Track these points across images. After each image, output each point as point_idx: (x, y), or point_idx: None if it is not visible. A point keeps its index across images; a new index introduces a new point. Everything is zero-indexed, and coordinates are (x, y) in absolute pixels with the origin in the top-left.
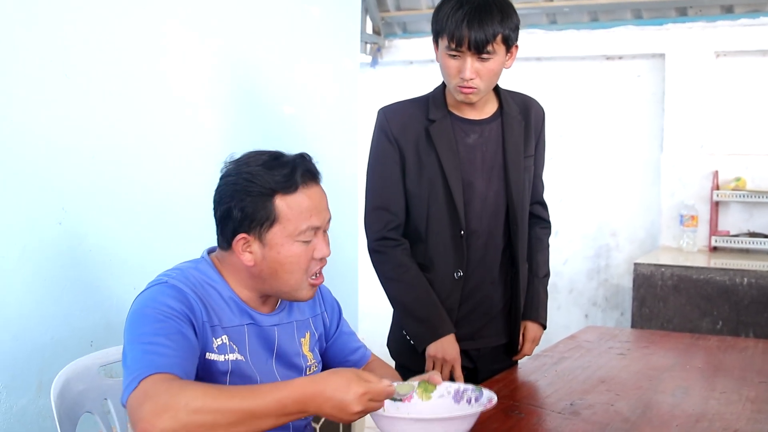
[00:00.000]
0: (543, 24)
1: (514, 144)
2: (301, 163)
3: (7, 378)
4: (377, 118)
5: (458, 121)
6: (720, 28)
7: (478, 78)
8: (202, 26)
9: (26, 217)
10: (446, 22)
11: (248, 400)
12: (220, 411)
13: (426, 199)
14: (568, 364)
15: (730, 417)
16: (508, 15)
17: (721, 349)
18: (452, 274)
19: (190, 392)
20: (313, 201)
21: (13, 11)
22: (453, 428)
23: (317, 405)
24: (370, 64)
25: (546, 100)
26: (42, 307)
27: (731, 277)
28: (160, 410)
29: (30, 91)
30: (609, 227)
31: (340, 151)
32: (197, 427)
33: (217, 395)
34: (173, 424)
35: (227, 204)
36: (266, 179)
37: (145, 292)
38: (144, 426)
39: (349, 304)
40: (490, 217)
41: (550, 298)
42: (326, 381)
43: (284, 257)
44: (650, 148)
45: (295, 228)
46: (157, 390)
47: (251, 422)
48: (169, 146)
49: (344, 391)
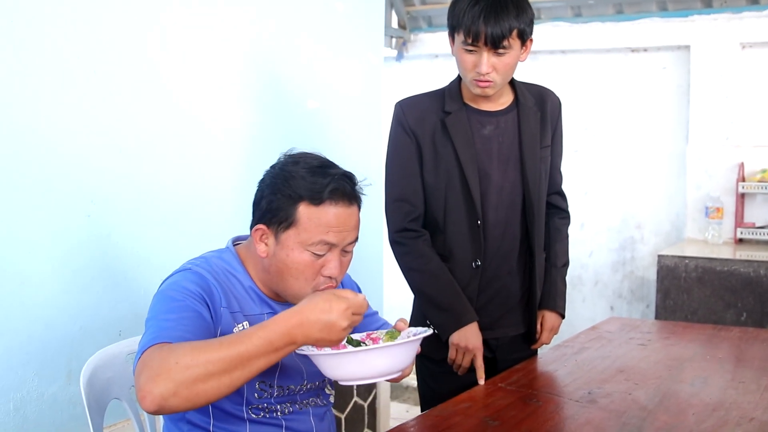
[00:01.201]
0: (568, 17)
1: (530, 135)
2: (339, 180)
3: (38, 366)
4: (394, 111)
5: (474, 112)
6: (745, 19)
7: (494, 72)
8: (228, 23)
9: (56, 210)
10: (462, 18)
11: (236, 345)
12: (211, 361)
13: (443, 190)
14: (588, 354)
15: (747, 406)
16: (523, 9)
17: (743, 340)
18: (471, 263)
19: (179, 351)
20: (336, 219)
21: (44, 9)
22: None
23: (304, 333)
24: (396, 58)
25: (571, 93)
26: (71, 298)
27: (755, 268)
28: (155, 375)
29: (59, 87)
30: (634, 220)
31: (364, 145)
32: (192, 381)
33: (206, 347)
34: (168, 384)
35: (261, 192)
36: (300, 184)
37: (169, 278)
38: (143, 394)
39: (374, 295)
40: (507, 208)
41: (575, 291)
42: (307, 307)
43: (291, 261)
44: (675, 140)
45: (308, 237)
46: (151, 357)
47: (244, 365)
48: (196, 140)
49: (327, 311)
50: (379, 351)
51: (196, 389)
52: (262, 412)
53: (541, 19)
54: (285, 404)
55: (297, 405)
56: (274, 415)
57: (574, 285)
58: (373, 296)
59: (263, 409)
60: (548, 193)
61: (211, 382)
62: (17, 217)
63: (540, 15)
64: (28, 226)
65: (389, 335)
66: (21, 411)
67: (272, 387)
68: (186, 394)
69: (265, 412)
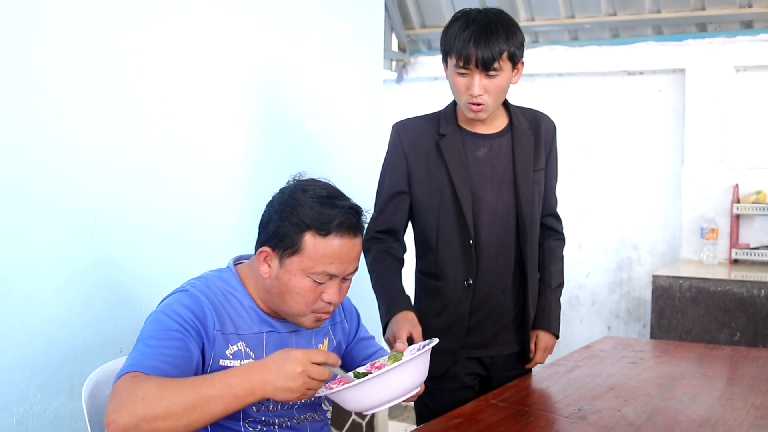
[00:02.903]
0: (565, 41)
1: (524, 158)
2: (346, 213)
3: (41, 381)
4: (391, 132)
5: (468, 135)
6: (739, 43)
7: (486, 94)
8: (228, 47)
9: (60, 229)
10: (454, 42)
11: (199, 387)
12: (173, 400)
13: (436, 210)
14: (581, 372)
15: (733, 422)
16: (512, 33)
17: (734, 359)
18: (462, 282)
19: (146, 385)
20: (339, 251)
21: (50, 33)
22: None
23: (264, 390)
24: (396, 81)
25: (568, 116)
26: (74, 314)
27: (749, 289)
28: (121, 406)
29: (64, 109)
30: (631, 241)
31: (364, 166)
32: (153, 417)
33: (171, 386)
34: (131, 417)
35: (269, 216)
36: (308, 213)
37: (166, 299)
38: (108, 421)
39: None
40: (501, 228)
41: (572, 311)
42: (273, 368)
43: (293, 285)
44: (671, 162)
45: (311, 266)
46: (122, 387)
47: (203, 408)
48: (197, 162)
49: (292, 378)
50: (401, 368)
51: (156, 426)
52: (259, 426)
53: (538, 43)
54: (283, 418)
55: (294, 420)
56: (272, 428)
57: (571, 305)
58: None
59: (261, 423)
60: (543, 215)
61: (170, 421)
62: (22, 236)
63: (538, 39)
64: (32, 245)
65: (392, 358)
66: (24, 425)
67: (269, 400)
68: (146, 428)
69: (263, 425)
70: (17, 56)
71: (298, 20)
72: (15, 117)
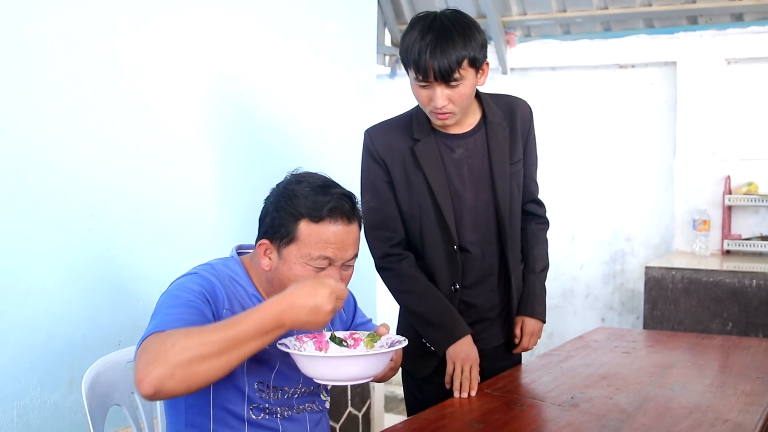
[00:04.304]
0: (557, 34)
1: (499, 153)
2: (339, 200)
3: (40, 374)
4: (363, 140)
5: (443, 137)
6: (730, 35)
7: (450, 104)
8: (224, 45)
9: (58, 224)
10: (410, 54)
11: (229, 328)
12: (204, 343)
13: (418, 217)
14: (574, 361)
15: (723, 409)
16: (471, 37)
17: (725, 348)
18: (450, 286)
19: (175, 335)
20: (334, 236)
21: (49, 32)
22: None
23: (292, 316)
24: (389, 75)
25: (561, 109)
26: (73, 308)
27: (740, 279)
28: (152, 359)
29: (62, 105)
30: (624, 233)
31: (357, 162)
32: (188, 362)
33: (200, 330)
34: (165, 367)
35: (267, 209)
36: (301, 202)
37: (176, 280)
38: (140, 377)
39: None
40: (483, 227)
41: (566, 303)
42: (294, 293)
43: (293, 275)
44: (663, 154)
45: (308, 253)
46: (149, 343)
47: (236, 348)
48: (193, 157)
49: (313, 296)
50: (351, 359)
51: (191, 370)
52: (262, 413)
53: (530, 37)
54: (284, 407)
55: (294, 410)
56: (274, 417)
57: (565, 297)
58: (367, 309)
59: (264, 410)
60: (524, 202)
61: (205, 364)
62: (21, 231)
63: (530, 33)
64: (31, 239)
65: (370, 338)
66: (24, 418)
67: (269, 388)
68: (181, 375)
69: (265, 413)
70: (16, 54)
71: (291, 16)
72: (13, 113)
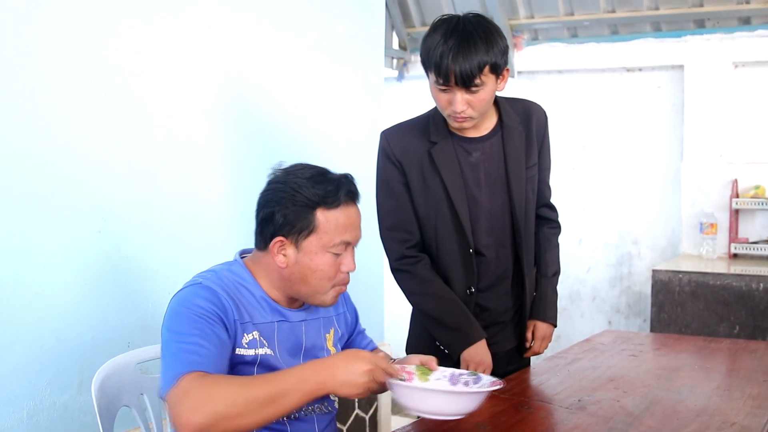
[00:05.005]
0: (564, 38)
1: (515, 157)
2: (345, 182)
3: (50, 375)
4: (380, 142)
5: (460, 140)
6: (737, 39)
7: (470, 108)
8: (232, 47)
9: (69, 226)
10: (432, 57)
11: (274, 383)
12: (250, 397)
13: (434, 219)
14: (581, 364)
15: (730, 412)
16: (493, 42)
17: (732, 351)
18: (465, 290)
19: (223, 386)
20: (349, 219)
21: (57, 35)
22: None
23: (332, 385)
24: (397, 78)
25: (568, 112)
26: (83, 310)
27: (747, 282)
28: (198, 406)
29: (71, 108)
30: (631, 236)
31: (365, 164)
32: (234, 415)
33: (248, 383)
34: (211, 417)
35: (272, 208)
36: (312, 192)
37: (180, 293)
38: (184, 421)
39: (375, 314)
40: (498, 231)
41: (573, 306)
42: (336, 364)
43: (316, 265)
44: (670, 157)
45: (329, 240)
46: (193, 387)
47: (278, 402)
48: (202, 158)
49: (352, 372)
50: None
51: (234, 423)
52: None
53: (538, 40)
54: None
55: (303, 411)
56: (282, 419)
57: (572, 300)
58: (375, 315)
59: None
60: (537, 206)
61: (247, 418)
62: (32, 233)
63: (537, 36)
64: (42, 242)
65: (421, 371)
66: (34, 419)
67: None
68: (225, 427)
69: None
70: (25, 58)
71: (299, 19)
72: (23, 117)
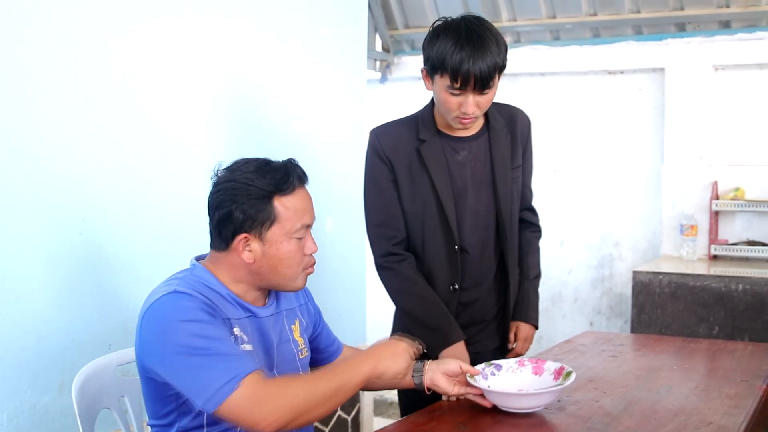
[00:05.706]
0: (547, 40)
1: (501, 158)
2: (293, 167)
3: (31, 377)
4: (369, 139)
5: (447, 139)
6: (718, 42)
7: (477, 109)
8: (213, 47)
9: (50, 228)
10: (447, 62)
11: (335, 376)
12: (318, 393)
13: (420, 216)
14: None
15: (708, 411)
16: (500, 43)
17: (711, 352)
18: (449, 286)
19: (292, 386)
20: (305, 201)
21: (40, 36)
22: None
23: (382, 366)
24: (380, 81)
25: (550, 114)
26: (64, 312)
27: (726, 284)
28: (277, 407)
29: (53, 109)
30: (612, 237)
31: (348, 166)
32: (307, 410)
33: (314, 380)
34: (290, 414)
35: (228, 207)
36: (264, 182)
37: (158, 304)
38: (267, 423)
39: (357, 315)
40: (483, 230)
41: (555, 307)
42: (381, 350)
43: (283, 253)
44: (651, 159)
45: (291, 226)
46: (263, 390)
47: (341, 393)
48: (182, 162)
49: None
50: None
51: (307, 416)
52: None
53: (520, 43)
54: None
55: None
56: None
57: (554, 302)
58: (357, 316)
59: None
60: (520, 209)
61: (317, 410)
62: (12, 235)
63: (520, 38)
64: (22, 244)
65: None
66: (14, 421)
67: None
68: (300, 421)
69: None
70: (6, 58)
71: (282, 22)
72: (5, 119)
